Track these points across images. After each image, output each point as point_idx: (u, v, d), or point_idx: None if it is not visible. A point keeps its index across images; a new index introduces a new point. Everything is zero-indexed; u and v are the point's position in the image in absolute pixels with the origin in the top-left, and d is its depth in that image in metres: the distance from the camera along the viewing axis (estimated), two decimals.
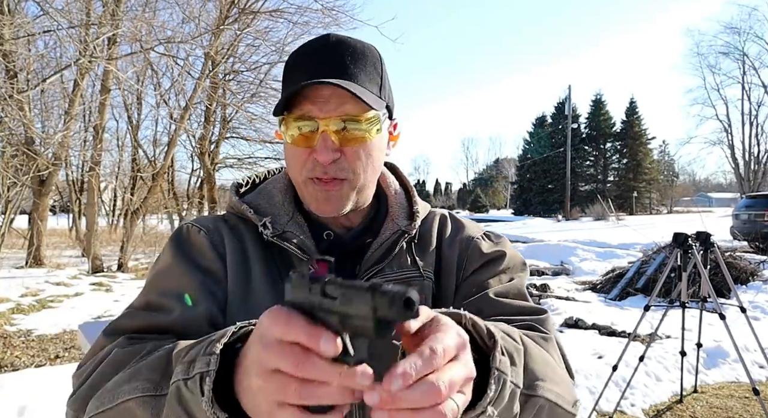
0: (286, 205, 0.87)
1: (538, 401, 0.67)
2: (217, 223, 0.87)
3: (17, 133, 9.19)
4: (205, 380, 0.52)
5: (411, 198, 0.93)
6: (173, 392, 0.56)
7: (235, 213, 0.88)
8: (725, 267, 3.75)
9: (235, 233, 0.85)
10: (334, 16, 11.29)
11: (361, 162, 0.79)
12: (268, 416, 0.47)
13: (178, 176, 18.43)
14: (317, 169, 0.77)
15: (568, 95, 39.41)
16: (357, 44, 0.80)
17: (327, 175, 0.77)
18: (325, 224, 0.86)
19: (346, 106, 0.75)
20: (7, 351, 5.00)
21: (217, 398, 0.52)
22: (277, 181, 0.91)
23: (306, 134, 0.77)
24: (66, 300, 7.39)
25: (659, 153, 57.70)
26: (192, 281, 0.78)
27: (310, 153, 0.77)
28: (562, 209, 38.72)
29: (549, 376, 0.70)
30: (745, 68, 35.87)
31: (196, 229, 0.85)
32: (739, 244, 12.18)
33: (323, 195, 0.79)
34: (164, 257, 0.84)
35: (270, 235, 0.81)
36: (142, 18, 9.32)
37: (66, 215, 21.44)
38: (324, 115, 0.75)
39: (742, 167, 36.26)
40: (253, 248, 0.83)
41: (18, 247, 13.00)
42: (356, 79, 0.77)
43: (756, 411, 3.69)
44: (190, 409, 0.54)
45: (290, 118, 0.77)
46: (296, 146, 0.78)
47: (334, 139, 0.76)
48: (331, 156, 0.75)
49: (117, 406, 0.61)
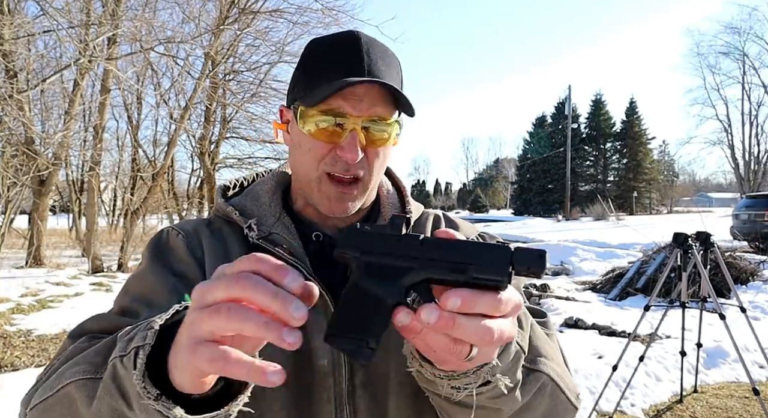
0: (273, 207, 0.85)
1: (540, 377, 0.67)
2: (198, 226, 0.85)
3: (17, 133, 9.19)
4: (138, 354, 0.51)
5: (403, 199, 0.92)
6: (109, 370, 0.54)
7: (221, 215, 0.86)
8: (725, 267, 3.75)
9: (217, 236, 0.83)
10: (334, 16, 11.32)
11: (378, 163, 0.79)
12: (188, 352, 0.45)
13: (178, 176, 18.46)
14: (338, 165, 0.76)
15: (568, 95, 39.41)
16: (383, 46, 0.80)
17: (348, 173, 0.77)
18: (314, 224, 0.85)
19: (377, 107, 0.75)
20: (7, 351, 5.00)
21: (156, 379, 0.50)
22: (264, 182, 0.90)
23: (330, 129, 0.75)
24: (66, 300, 7.38)
25: (659, 153, 57.72)
26: (164, 286, 0.76)
27: (332, 148, 0.76)
28: (562, 208, 38.72)
29: (551, 356, 0.71)
30: (745, 68, 35.90)
31: (175, 233, 0.84)
32: (739, 244, 12.18)
33: (337, 195, 0.78)
34: (142, 261, 0.83)
35: (255, 237, 0.79)
36: (142, 18, 9.32)
37: (66, 215, 21.45)
38: (357, 114, 0.74)
39: (742, 167, 36.25)
40: (236, 251, 0.80)
41: (18, 247, 13.00)
42: (388, 79, 0.77)
43: (756, 411, 3.69)
44: (122, 386, 0.53)
45: (313, 110, 0.75)
46: (316, 139, 0.76)
47: (362, 139, 0.75)
48: (359, 155, 0.75)
49: (57, 392, 0.61)
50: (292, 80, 0.83)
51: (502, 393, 0.58)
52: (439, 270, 0.48)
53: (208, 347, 0.44)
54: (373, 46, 0.78)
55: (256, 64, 12.85)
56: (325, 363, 0.74)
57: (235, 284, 0.44)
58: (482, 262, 0.47)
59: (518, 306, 0.49)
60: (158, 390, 0.49)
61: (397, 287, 0.49)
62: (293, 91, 0.82)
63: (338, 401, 0.73)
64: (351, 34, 0.79)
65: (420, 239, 0.50)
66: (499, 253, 0.47)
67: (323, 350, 0.74)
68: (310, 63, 0.79)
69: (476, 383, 0.56)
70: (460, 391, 0.57)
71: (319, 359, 0.74)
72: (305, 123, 0.77)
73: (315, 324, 0.74)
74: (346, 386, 0.73)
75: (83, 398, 0.58)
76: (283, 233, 0.80)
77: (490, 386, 0.57)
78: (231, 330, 0.44)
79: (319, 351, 0.74)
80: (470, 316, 0.46)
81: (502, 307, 0.47)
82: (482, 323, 0.46)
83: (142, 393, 0.49)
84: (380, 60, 0.77)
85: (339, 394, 0.74)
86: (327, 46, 0.79)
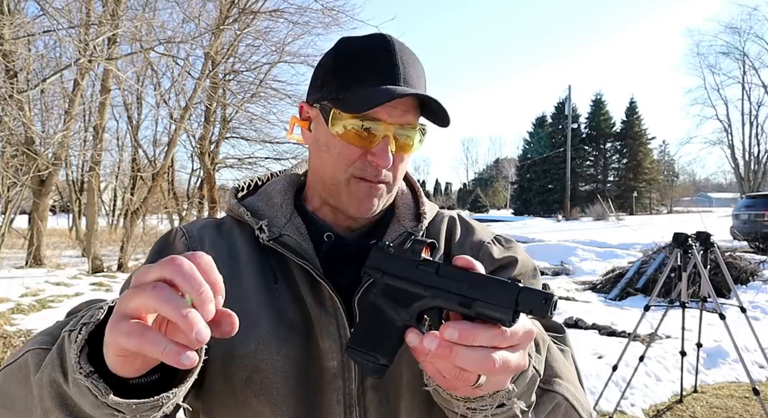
0: (284, 207, 0.84)
1: (555, 398, 0.67)
2: (206, 227, 0.85)
3: (17, 133, 9.18)
4: (81, 331, 0.52)
5: (418, 199, 0.91)
6: (58, 342, 0.57)
7: (233, 216, 0.86)
8: (725, 267, 3.75)
9: (225, 237, 0.83)
10: (334, 16, 11.31)
11: (402, 169, 0.81)
12: (111, 325, 0.48)
13: (178, 176, 18.42)
14: (368, 170, 0.76)
15: (568, 95, 39.41)
16: (411, 51, 0.81)
17: (377, 178, 0.77)
18: (326, 225, 0.84)
19: (409, 115, 0.76)
20: (7, 351, 5.00)
21: (97, 360, 0.52)
22: (276, 183, 0.89)
23: (362, 134, 0.75)
24: (66, 300, 7.38)
25: (659, 153, 57.75)
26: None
27: (362, 153, 0.76)
28: (562, 208, 38.71)
29: (567, 376, 0.70)
30: (745, 68, 35.89)
31: (180, 234, 0.84)
32: (739, 244, 12.18)
33: (367, 192, 0.78)
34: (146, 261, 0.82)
35: (266, 238, 0.78)
36: (142, 18, 9.32)
37: (66, 215, 21.45)
38: (390, 121, 0.75)
39: (742, 167, 36.25)
40: (245, 251, 0.80)
41: (18, 247, 12.99)
42: (418, 87, 0.78)
43: (756, 411, 3.69)
44: (63, 359, 0.54)
45: (348, 114, 0.75)
46: (347, 143, 0.76)
47: (392, 146, 0.76)
48: (390, 162, 0.75)
49: (18, 359, 0.62)
50: (320, 78, 0.80)
51: (516, 416, 0.59)
52: (448, 302, 0.51)
53: (129, 323, 0.47)
54: (404, 52, 0.78)
55: (256, 64, 12.85)
56: (335, 364, 0.73)
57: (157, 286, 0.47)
58: (488, 299, 0.49)
59: (529, 336, 0.51)
60: (92, 368, 0.51)
61: (409, 311, 0.53)
62: (321, 89, 0.79)
63: (348, 403, 0.73)
64: (383, 38, 0.78)
65: (436, 267, 0.53)
66: (506, 292, 0.49)
67: (333, 352, 0.73)
68: (344, 64, 0.78)
69: (492, 407, 0.58)
70: (476, 413, 0.58)
71: (329, 360, 0.74)
72: (335, 125, 0.76)
73: (325, 325, 0.74)
74: (356, 387, 0.73)
75: (34, 366, 0.60)
76: (294, 235, 0.79)
77: (505, 409, 0.59)
78: (152, 308, 0.46)
79: (329, 352, 0.74)
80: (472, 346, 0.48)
81: (507, 339, 0.49)
82: (482, 354, 0.48)
83: (75, 368, 0.51)
84: (411, 67, 0.78)
85: (349, 395, 0.73)
86: (360, 48, 0.78)
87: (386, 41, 0.77)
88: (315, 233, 0.82)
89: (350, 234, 0.84)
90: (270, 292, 0.76)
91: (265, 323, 0.74)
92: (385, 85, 0.74)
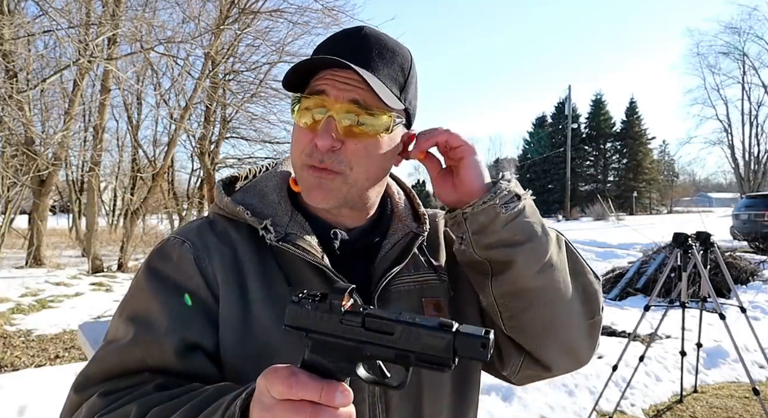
0: (284, 205, 0.81)
1: (561, 239, 0.83)
2: (203, 231, 0.79)
3: (17, 133, 9.18)
4: None
5: (413, 201, 0.92)
6: None
7: (226, 215, 0.81)
8: (725, 267, 3.75)
9: (224, 240, 0.78)
10: (334, 16, 11.30)
11: (360, 158, 0.74)
12: None
13: (178, 176, 18.42)
14: (315, 156, 0.73)
15: (568, 95, 39.41)
16: (390, 41, 0.78)
17: (322, 165, 0.73)
18: (325, 221, 0.82)
19: (361, 91, 0.72)
20: (7, 351, 5.00)
21: None
22: (268, 178, 0.85)
23: (315, 117, 0.74)
24: (66, 300, 7.38)
25: (659, 153, 57.70)
26: (162, 304, 0.71)
27: (312, 138, 0.73)
28: (562, 208, 38.71)
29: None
30: (745, 68, 35.82)
31: (180, 241, 0.77)
32: (739, 244, 12.18)
33: (315, 182, 0.75)
34: (140, 274, 0.77)
35: (274, 239, 0.75)
36: (142, 18, 9.31)
37: (66, 215, 21.42)
38: (337, 95, 0.72)
39: (742, 167, 36.22)
40: (246, 255, 0.76)
41: (18, 247, 12.99)
42: (377, 72, 0.74)
43: (756, 411, 3.69)
44: None
45: (304, 98, 0.75)
46: (302, 129, 0.76)
47: (338, 127, 0.72)
48: (330, 142, 0.71)
49: None
50: None
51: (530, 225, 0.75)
52: (384, 355, 0.50)
53: None
54: (373, 38, 0.76)
55: (256, 64, 12.84)
56: None
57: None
58: (424, 349, 0.47)
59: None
60: None
61: (345, 364, 0.50)
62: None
63: (371, 400, 0.74)
64: (356, 27, 0.78)
65: (362, 320, 0.50)
66: (441, 339, 0.47)
67: None
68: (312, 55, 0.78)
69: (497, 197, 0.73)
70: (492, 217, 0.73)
71: None
72: (296, 114, 0.76)
73: None
74: None
75: None
76: (300, 233, 0.77)
77: (516, 210, 0.74)
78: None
79: None
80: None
81: None
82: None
83: None
84: (376, 50, 0.75)
85: (372, 393, 0.74)
86: (327, 38, 0.79)
87: (355, 30, 0.77)
88: (316, 230, 0.80)
89: (349, 231, 0.83)
90: (276, 303, 0.74)
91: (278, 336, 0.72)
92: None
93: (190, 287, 0.73)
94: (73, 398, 0.69)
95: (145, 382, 0.67)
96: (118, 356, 0.70)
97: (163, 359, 0.68)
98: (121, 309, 0.75)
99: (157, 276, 0.75)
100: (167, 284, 0.73)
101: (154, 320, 0.70)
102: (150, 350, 0.69)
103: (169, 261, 0.76)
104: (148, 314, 0.71)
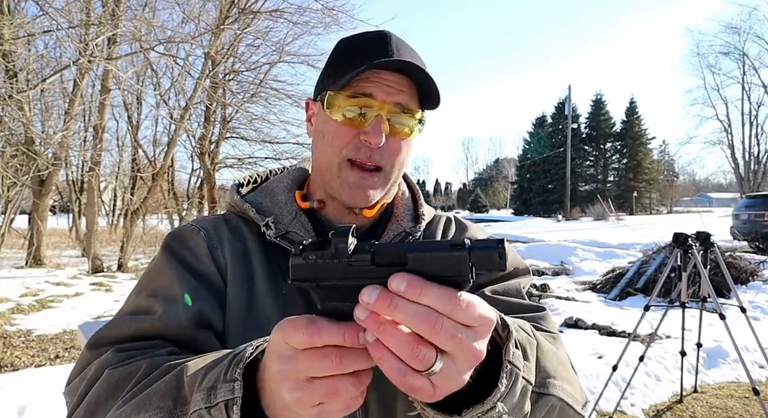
0: (289, 205, 0.84)
1: (550, 400, 0.66)
2: (218, 224, 0.84)
3: (17, 133, 9.19)
4: (232, 409, 0.51)
5: (416, 201, 0.93)
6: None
7: (237, 212, 0.86)
8: (725, 267, 3.74)
9: (237, 234, 0.83)
10: (334, 16, 11.32)
11: (400, 156, 0.80)
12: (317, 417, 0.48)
13: (178, 176, 18.44)
14: (362, 151, 0.76)
15: (568, 95, 39.40)
16: (411, 46, 0.82)
17: (371, 161, 0.77)
18: (331, 222, 0.85)
19: (404, 95, 0.77)
20: (7, 351, 5.00)
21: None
22: (280, 180, 0.90)
23: (356, 117, 0.76)
24: (66, 300, 7.38)
25: (659, 153, 57.73)
26: (181, 282, 0.75)
27: (356, 134, 0.76)
28: (562, 208, 38.72)
29: (561, 374, 0.69)
30: (745, 68, 35.83)
31: (196, 229, 0.82)
32: (739, 244, 12.17)
33: (358, 181, 0.78)
34: (158, 256, 0.81)
35: (273, 235, 0.79)
36: (141, 18, 9.31)
37: (66, 215, 21.44)
38: (384, 98, 0.75)
39: (742, 167, 36.22)
40: (255, 249, 0.81)
41: (18, 247, 12.99)
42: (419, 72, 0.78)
43: (756, 411, 3.69)
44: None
45: (342, 95, 0.77)
46: (341, 125, 0.77)
47: (386, 127, 0.76)
48: (382, 140, 0.75)
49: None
50: (321, 75, 0.84)
51: None
52: None
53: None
54: (402, 43, 0.80)
55: (256, 64, 12.85)
56: None
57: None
58: (441, 271, 0.45)
59: (488, 322, 0.46)
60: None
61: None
62: (322, 82, 0.82)
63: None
64: (381, 31, 0.81)
65: (371, 257, 0.47)
66: (456, 258, 0.44)
67: None
68: (340, 56, 0.81)
69: (483, 408, 0.52)
70: None
71: None
72: (332, 110, 0.78)
73: None
74: None
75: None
76: (300, 232, 0.80)
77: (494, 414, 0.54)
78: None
79: None
80: (417, 303, 0.44)
81: (460, 307, 0.44)
82: (424, 309, 0.43)
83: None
84: (407, 54, 0.78)
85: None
86: (357, 40, 0.81)
87: (383, 32, 0.80)
88: (319, 230, 0.82)
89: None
90: (279, 297, 0.77)
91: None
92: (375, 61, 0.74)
93: (203, 270, 0.77)
94: (85, 354, 0.71)
95: (159, 347, 0.69)
96: (137, 323, 0.72)
97: (180, 331, 0.71)
98: (139, 288, 0.78)
99: (175, 256, 0.79)
100: (184, 263, 0.78)
101: (173, 295, 0.74)
102: (168, 321, 0.71)
103: (185, 244, 0.80)
104: (168, 289, 0.75)
